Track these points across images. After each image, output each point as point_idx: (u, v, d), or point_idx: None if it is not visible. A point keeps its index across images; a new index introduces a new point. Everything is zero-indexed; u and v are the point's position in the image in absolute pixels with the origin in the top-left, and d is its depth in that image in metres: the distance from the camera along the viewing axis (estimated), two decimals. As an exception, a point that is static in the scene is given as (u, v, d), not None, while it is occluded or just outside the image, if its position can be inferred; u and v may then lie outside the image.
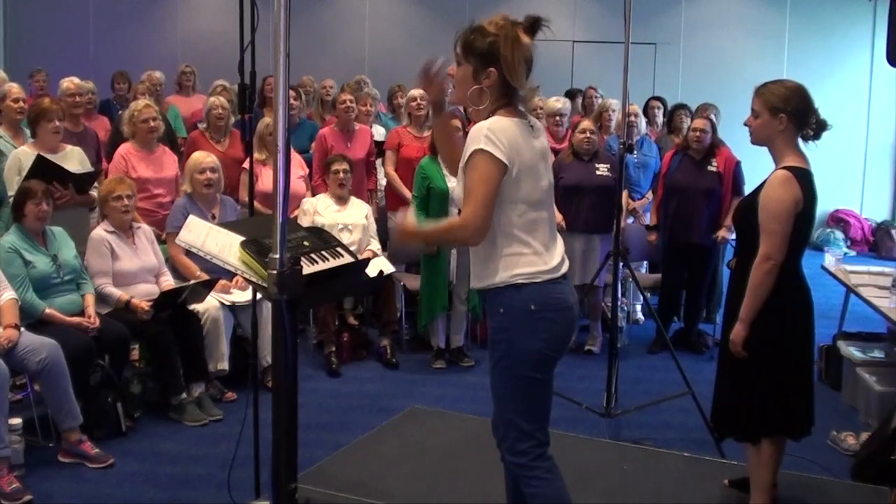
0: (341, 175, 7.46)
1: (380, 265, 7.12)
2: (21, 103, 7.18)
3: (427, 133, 7.90)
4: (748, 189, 5.47)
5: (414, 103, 8.25)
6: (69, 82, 7.75)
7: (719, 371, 4.68)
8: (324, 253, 4.04)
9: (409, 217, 3.70)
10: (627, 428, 5.82)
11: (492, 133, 3.39)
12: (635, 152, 8.55)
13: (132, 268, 6.36)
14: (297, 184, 7.69)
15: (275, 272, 3.29)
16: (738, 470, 5.04)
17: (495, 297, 3.56)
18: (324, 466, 5.25)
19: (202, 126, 8.29)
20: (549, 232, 3.61)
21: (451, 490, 4.92)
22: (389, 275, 7.35)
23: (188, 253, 6.54)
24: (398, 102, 9.75)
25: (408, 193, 7.77)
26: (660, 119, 9.99)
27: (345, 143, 8.17)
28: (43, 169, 6.32)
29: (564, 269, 3.63)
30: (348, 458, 5.40)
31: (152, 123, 7.16)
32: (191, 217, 4.14)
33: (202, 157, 6.94)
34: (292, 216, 7.10)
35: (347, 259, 4.17)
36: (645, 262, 8.78)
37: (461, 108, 6.91)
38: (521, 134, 3.48)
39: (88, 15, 14.27)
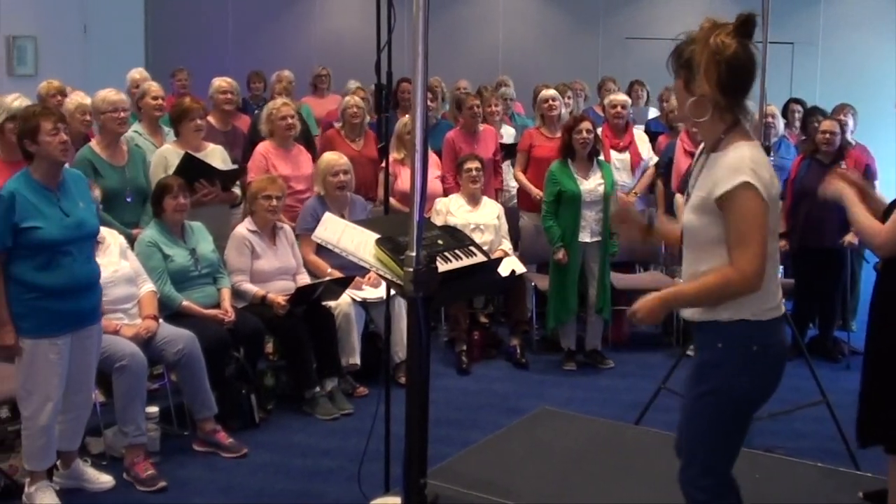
0: (474, 173, 7.47)
1: (512, 265, 7.11)
2: (160, 101, 7.36)
3: (559, 134, 7.86)
4: (882, 188, 5.27)
5: (546, 104, 8.20)
6: (222, 81, 7.89)
7: (867, 377, 4.51)
8: (457, 251, 4.06)
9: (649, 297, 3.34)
10: (760, 435, 5.69)
11: (755, 165, 3.11)
12: (772, 155, 8.35)
13: (270, 268, 6.50)
14: (434, 183, 7.73)
15: (411, 270, 3.32)
16: (874, 482, 4.88)
17: (715, 331, 3.29)
18: (452, 463, 5.26)
19: (338, 125, 8.38)
20: (773, 261, 3.33)
21: (579, 493, 4.87)
22: (521, 275, 7.35)
23: (319, 250, 6.63)
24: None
25: (538, 193, 7.76)
26: (798, 122, 9.74)
27: (471, 144, 8.17)
28: (190, 166, 6.49)
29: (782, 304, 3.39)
30: (477, 457, 5.40)
31: (290, 121, 7.27)
32: (327, 214, 4.21)
33: (335, 160, 7.01)
34: (426, 216, 7.13)
35: (480, 258, 4.18)
36: (780, 268, 8.57)
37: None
38: (768, 163, 3.22)
39: (227, 15, 14.56)
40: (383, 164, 7.09)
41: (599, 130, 7.61)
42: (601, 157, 7.40)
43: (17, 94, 6.19)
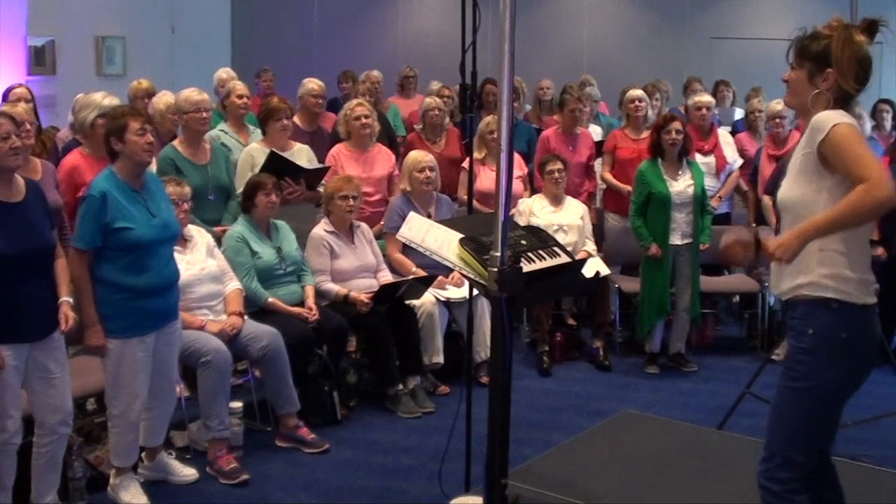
0: (556, 175, 7.43)
1: (596, 266, 7.06)
2: (245, 99, 7.43)
3: (645, 135, 7.79)
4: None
5: (632, 105, 8.13)
6: (313, 83, 7.95)
7: None
8: (541, 252, 4.05)
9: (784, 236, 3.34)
10: (844, 443, 5.57)
11: (838, 115, 3.29)
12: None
13: (350, 266, 6.53)
14: (515, 184, 7.71)
15: (496, 269, 3.31)
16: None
17: (805, 314, 3.35)
18: (533, 465, 5.25)
19: (418, 128, 8.40)
20: (864, 246, 3.41)
21: (659, 497, 4.83)
22: (605, 276, 7.30)
23: (405, 249, 6.66)
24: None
25: (626, 188, 7.72)
26: (888, 123, 9.54)
27: (567, 146, 8.13)
28: (276, 164, 6.55)
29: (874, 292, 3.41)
30: (558, 458, 5.39)
31: (364, 121, 7.27)
32: (411, 214, 4.22)
33: (421, 156, 7.04)
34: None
35: (564, 259, 4.16)
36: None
37: None
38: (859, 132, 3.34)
39: (312, 16, 14.66)
40: (464, 165, 7.15)
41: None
42: (691, 158, 7.31)
43: (106, 93, 6.30)
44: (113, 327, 4.79)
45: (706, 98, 8.48)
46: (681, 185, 7.08)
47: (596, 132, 9.21)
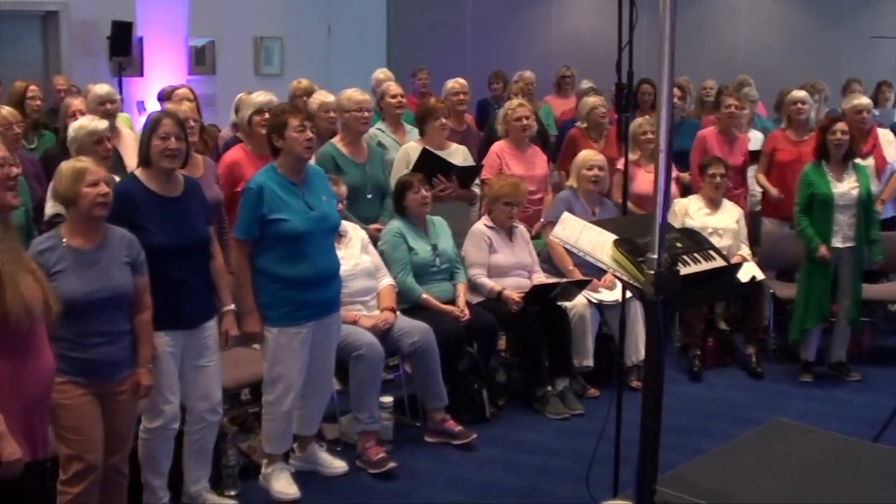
0: (717, 179, 7.30)
1: (752, 271, 6.90)
2: (399, 99, 7.52)
3: (807, 137, 7.59)
4: None
5: (794, 106, 7.90)
6: (454, 82, 8.01)
7: None
8: (696, 255, 3.98)
9: None
10: None
11: None
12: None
13: (507, 263, 6.54)
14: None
15: (652, 272, 3.27)
16: None
17: None
18: (683, 471, 5.15)
19: (581, 125, 8.33)
20: None
21: (814, 511, 4.71)
22: (760, 281, 7.14)
23: (566, 245, 6.64)
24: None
25: (776, 192, 7.60)
26: None
27: (725, 148, 7.99)
28: (428, 162, 6.62)
29: None
30: (707, 466, 5.27)
31: (525, 122, 7.30)
32: (565, 214, 4.20)
33: (591, 155, 7.03)
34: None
35: (720, 262, 4.08)
36: None
37: None
38: None
39: (467, 15, 14.72)
40: (619, 166, 7.08)
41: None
42: (857, 160, 7.10)
43: (261, 91, 6.46)
44: (271, 315, 4.95)
45: (864, 101, 8.20)
46: (845, 187, 6.87)
47: (757, 138, 8.92)
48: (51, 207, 5.42)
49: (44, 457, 3.67)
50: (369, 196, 6.61)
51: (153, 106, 9.65)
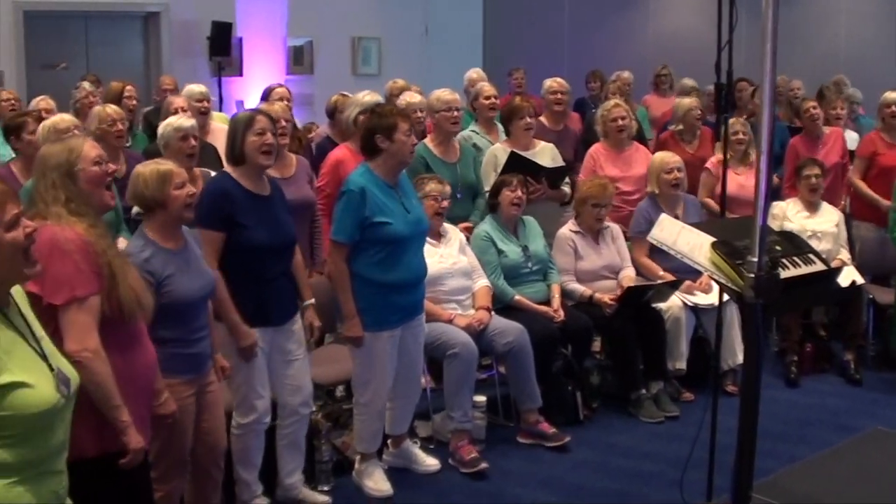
0: (813, 180, 7.18)
1: (851, 275, 6.77)
2: (492, 100, 7.50)
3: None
4: None
5: (889, 109, 7.73)
6: (552, 81, 7.99)
7: None
8: (795, 258, 3.94)
9: None
10: None
11: None
12: None
13: (594, 267, 6.50)
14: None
15: (752, 275, 3.24)
16: None
17: None
18: (779, 478, 5.10)
19: (673, 128, 8.26)
20: None
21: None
22: (859, 286, 7.00)
23: (652, 253, 6.59)
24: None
25: (879, 200, 7.44)
26: None
27: (813, 150, 7.85)
28: (516, 164, 6.60)
29: None
30: (803, 473, 5.22)
31: (622, 122, 7.25)
32: (663, 216, 4.20)
33: (668, 157, 6.93)
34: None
35: (820, 266, 4.03)
36: None
37: None
38: None
39: (563, 15, 14.67)
40: (707, 165, 7.00)
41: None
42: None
43: (368, 91, 6.52)
44: (365, 320, 4.98)
45: None
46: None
47: (852, 139, 8.76)
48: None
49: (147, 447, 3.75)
50: (459, 196, 6.59)
51: (253, 105, 9.82)
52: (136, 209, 5.38)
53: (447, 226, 5.92)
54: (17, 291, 2.78)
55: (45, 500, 2.68)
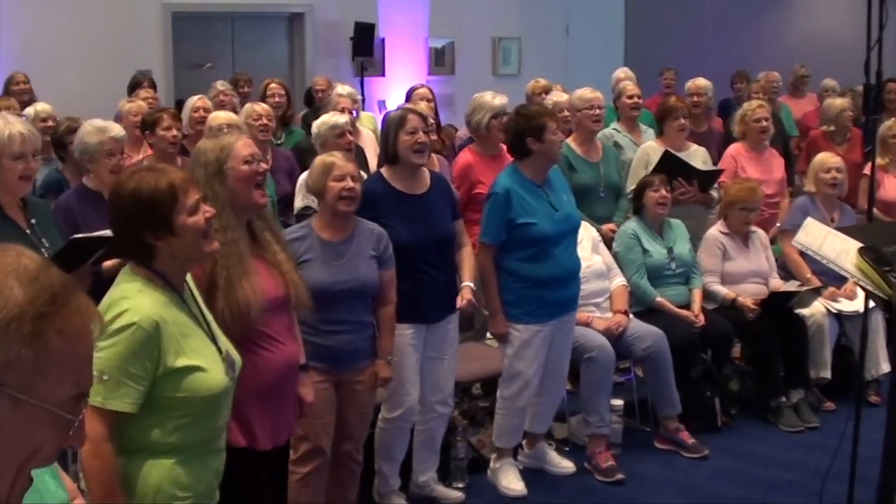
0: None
1: None
2: (635, 100, 7.44)
3: None
4: None
5: None
6: (692, 83, 7.92)
7: None
8: (948, 266, 3.80)
9: None
10: None
11: None
12: None
13: (741, 270, 6.39)
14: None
15: (901, 284, 3.15)
16: None
17: None
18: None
19: (825, 128, 8.05)
20: None
21: None
22: None
23: (802, 252, 6.45)
24: None
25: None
26: None
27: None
28: (669, 164, 6.52)
29: None
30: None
31: (763, 124, 7.10)
32: (809, 220, 4.10)
33: (828, 157, 6.78)
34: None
35: (973, 275, 3.88)
36: None
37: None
38: None
39: (706, 14, 14.43)
40: (865, 171, 6.79)
41: None
42: None
43: (490, 91, 6.47)
44: (514, 313, 5.02)
45: None
46: None
47: None
48: (300, 200, 5.68)
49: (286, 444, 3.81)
50: (602, 195, 6.58)
51: (394, 105, 9.94)
52: (299, 203, 5.53)
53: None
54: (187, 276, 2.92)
55: (208, 478, 2.85)
